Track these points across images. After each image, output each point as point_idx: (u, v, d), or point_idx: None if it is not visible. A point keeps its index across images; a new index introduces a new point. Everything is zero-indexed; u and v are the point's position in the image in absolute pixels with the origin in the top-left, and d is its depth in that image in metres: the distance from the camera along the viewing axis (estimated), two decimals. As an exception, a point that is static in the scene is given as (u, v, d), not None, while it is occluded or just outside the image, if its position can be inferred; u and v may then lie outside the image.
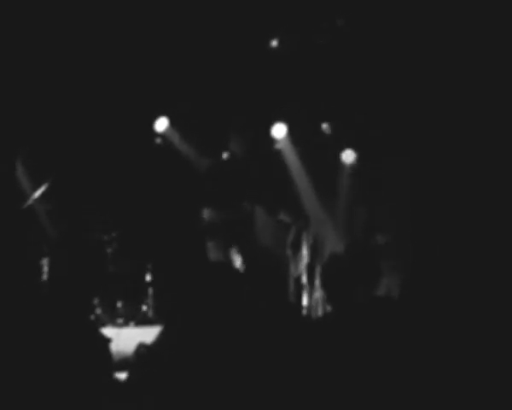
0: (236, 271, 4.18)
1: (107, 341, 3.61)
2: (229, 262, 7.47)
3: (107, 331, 5.76)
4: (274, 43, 9.11)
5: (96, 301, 7.73)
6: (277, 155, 9.45)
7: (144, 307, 8.37)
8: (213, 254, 8.03)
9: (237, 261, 7.75)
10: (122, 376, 3.66)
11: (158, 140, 9.31)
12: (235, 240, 7.88)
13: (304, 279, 8.33)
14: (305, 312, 8.11)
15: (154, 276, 8.53)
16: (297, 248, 8.59)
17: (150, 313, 8.33)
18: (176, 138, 9.24)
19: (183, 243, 8.27)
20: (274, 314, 4.04)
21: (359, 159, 9.28)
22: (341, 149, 9.35)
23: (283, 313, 4.17)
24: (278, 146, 9.45)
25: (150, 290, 8.43)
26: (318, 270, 8.19)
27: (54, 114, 8.87)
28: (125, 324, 8.04)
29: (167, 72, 8.92)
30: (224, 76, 9.04)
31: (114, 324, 7.94)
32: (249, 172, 8.18)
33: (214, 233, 7.89)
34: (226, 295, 3.40)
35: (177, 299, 3.47)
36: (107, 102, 8.97)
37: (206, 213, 8.28)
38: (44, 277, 7.00)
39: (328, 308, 5.42)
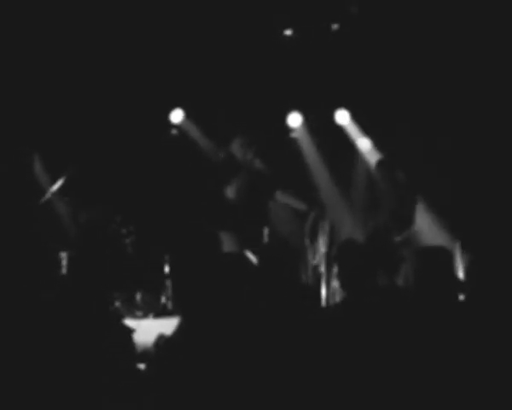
0: (251, 263, 4.18)
1: (130, 331, 3.63)
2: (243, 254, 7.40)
3: (127, 323, 5.78)
4: (288, 31, 9.09)
5: (115, 293, 7.76)
6: (293, 143, 9.45)
7: (163, 299, 8.38)
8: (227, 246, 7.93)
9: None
10: (142, 367, 3.68)
11: (173, 131, 9.32)
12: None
13: (322, 268, 8.31)
14: (323, 300, 8.10)
15: (172, 267, 8.54)
16: (314, 237, 8.58)
17: (169, 305, 8.35)
18: (192, 130, 9.25)
19: (200, 235, 8.25)
20: (292, 303, 4.04)
21: (375, 146, 9.26)
22: (358, 137, 9.35)
23: (302, 300, 4.17)
24: (294, 135, 9.44)
25: (169, 282, 8.44)
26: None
27: (70, 108, 8.90)
28: (144, 316, 8.06)
29: (182, 63, 8.93)
30: (238, 66, 9.03)
31: (133, 316, 7.97)
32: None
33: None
34: (241, 288, 3.40)
35: (194, 290, 3.48)
36: (123, 94, 8.99)
37: None
38: (63, 270, 7.04)
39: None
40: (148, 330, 6.13)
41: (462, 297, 4.13)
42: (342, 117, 9.28)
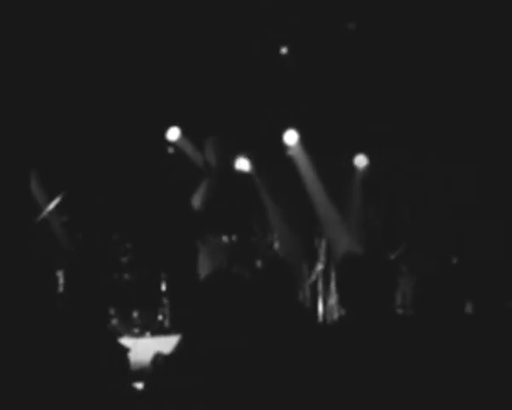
0: (246, 279, 4.17)
1: (126, 350, 3.62)
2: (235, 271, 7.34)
3: (124, 342, 5.77)
4: (284, 50, 9.13)
5: (111, 311, 7.75)
6: (289, 161, 9.47)
7: (160, 317, 8.38)
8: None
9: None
10: (139, 386, 3.66)
11: (170, 149, 9.33)
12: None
13: (319, 285, 8.32)
14: (320, 317, 8.10)
15: (169, 285, 8.53)
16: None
17: (166, 323, 8.34)
18: (188, 148, 9.26)
19: (197, 251, 8.24)
20: (288, 320, 4.03)
21: (372, 164, 9.29)
22: (354, 154, 9.37)
23: (297, 318, 4.15)
24: (290, 153, 9.46)
25: (166, 300, 8.44)
26: (333, 276, 8.18)
27: (67, 126, 8.90)
28: (141, 334, 8.04)
29: (179, 81, 8.96)
30: (235, 84, 9.06)
31: (130, 334, 7.94)
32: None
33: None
34: (238, 304, 3.40)
35: (192, 308, 3.47)
36: (120, 112, 9.00)
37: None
38: (60, 289, 7.03)
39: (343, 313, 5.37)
40: (145, 348, 6.13)
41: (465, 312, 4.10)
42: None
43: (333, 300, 8.17)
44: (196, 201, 7.50)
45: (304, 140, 9.36)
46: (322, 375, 3.59)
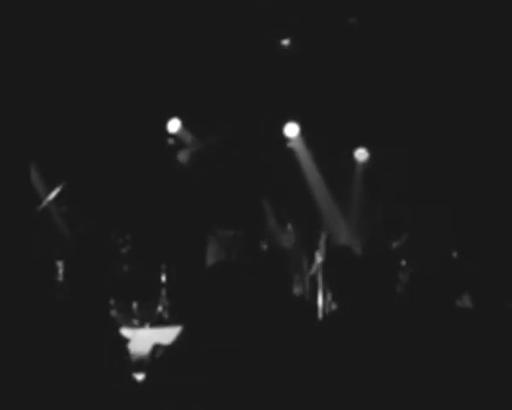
0: (246, 270, 4.16)
1: (125, 341, 3.62)
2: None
3: (123, 333, 5.77)
4: (285, 42, 9.12)
5: (111, 302, 7.75)
6: (290, 153, 9.47)
7: (159, 308, 8.39)
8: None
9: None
10: (138, 377, 3.66)
11: (170, 141, 9.33)
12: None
13: (319, 278, 8.32)
14: (320, 310, 8.10)
15: (168, 277, 8.54)
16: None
17: (165, 314, 8.35)
18: (188, 139, 9.25)
19: (196, 243, 8.25)
20: (281, 311, 4.02)
21: (372, 157, 9.29)
22: (354, 147, 9.38)
23: (298, 311, 4.15)
24: (291, 145, 9.46)
25: (165, 291, 8.44)
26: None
27: (68, 117, 8.90)
28: (141, 325, 8.05)
29: (179, 73, 8.95)
30: (236, 76, 9.05)
31: (130, 325, 7.95)
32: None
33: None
34: (239, 295, 3.39)
35: (191, 300, 3.47)
36: (120, 104, 9.00)
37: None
38: (60, 279, 7.02)
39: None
40: (144, 339, 6.13)
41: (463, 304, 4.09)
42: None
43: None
44: (183, 155, 7.51)
45: (305, 134, 9.37)
46: (319, 370, 3.59)
